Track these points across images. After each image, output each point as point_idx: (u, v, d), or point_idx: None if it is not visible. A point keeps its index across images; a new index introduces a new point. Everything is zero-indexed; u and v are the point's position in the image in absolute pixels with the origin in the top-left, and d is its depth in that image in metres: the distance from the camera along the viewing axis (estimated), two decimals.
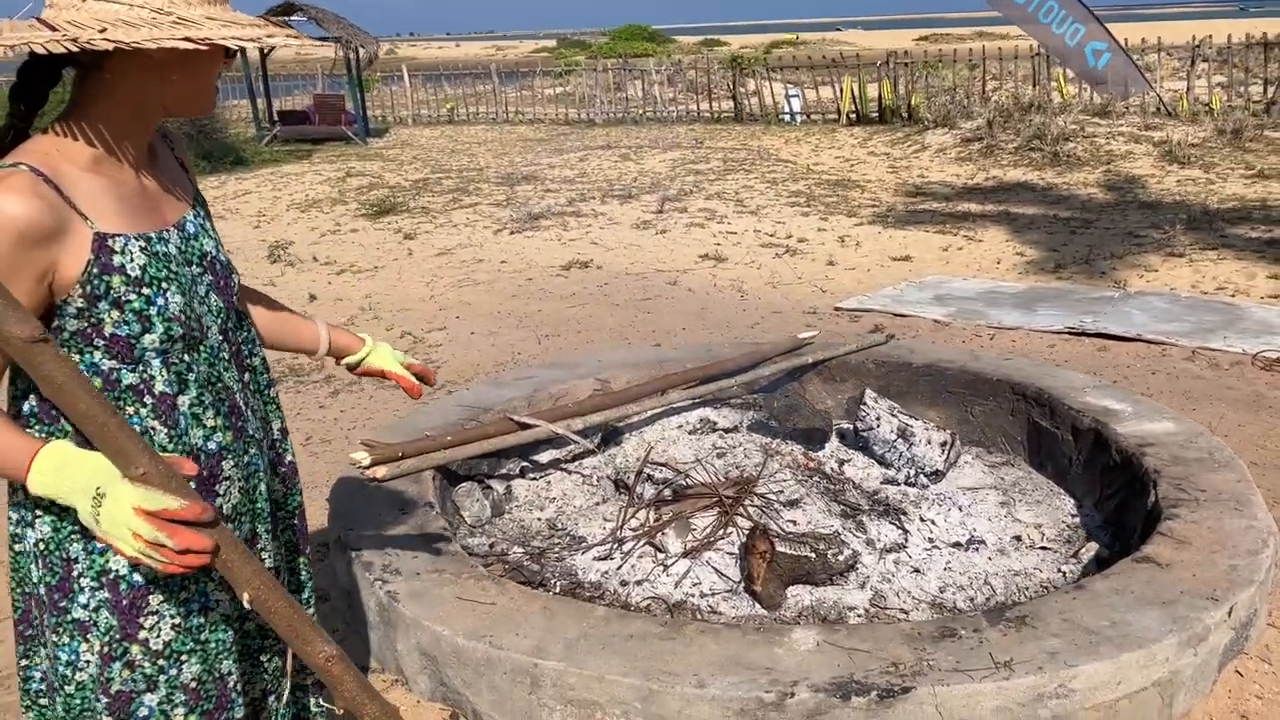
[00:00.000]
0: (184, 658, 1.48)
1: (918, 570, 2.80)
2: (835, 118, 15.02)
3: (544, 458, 3.39)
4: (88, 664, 1.44)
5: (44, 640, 1.48)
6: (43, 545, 1.42)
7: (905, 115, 13.87)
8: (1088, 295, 6.20)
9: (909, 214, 8.98)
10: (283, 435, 1.75)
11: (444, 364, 5.33)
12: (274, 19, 1.46)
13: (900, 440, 3.37)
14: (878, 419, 3.42)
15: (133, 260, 1.40)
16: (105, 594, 1.42)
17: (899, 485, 3.30)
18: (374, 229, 9.31)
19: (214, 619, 1.52)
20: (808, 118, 15.59)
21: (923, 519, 3.06)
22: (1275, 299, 6.02)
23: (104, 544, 1.37)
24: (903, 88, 14.44)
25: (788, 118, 15.77)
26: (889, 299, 6.28)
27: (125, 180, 1.44)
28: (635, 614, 2.42)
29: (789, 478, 3.10)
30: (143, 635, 1.44)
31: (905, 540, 2.93)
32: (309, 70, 23.18)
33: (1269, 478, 3.58)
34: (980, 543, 2.98)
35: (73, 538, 1.41)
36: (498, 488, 3.28)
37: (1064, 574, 2.83)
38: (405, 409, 4.51)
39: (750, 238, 8.27)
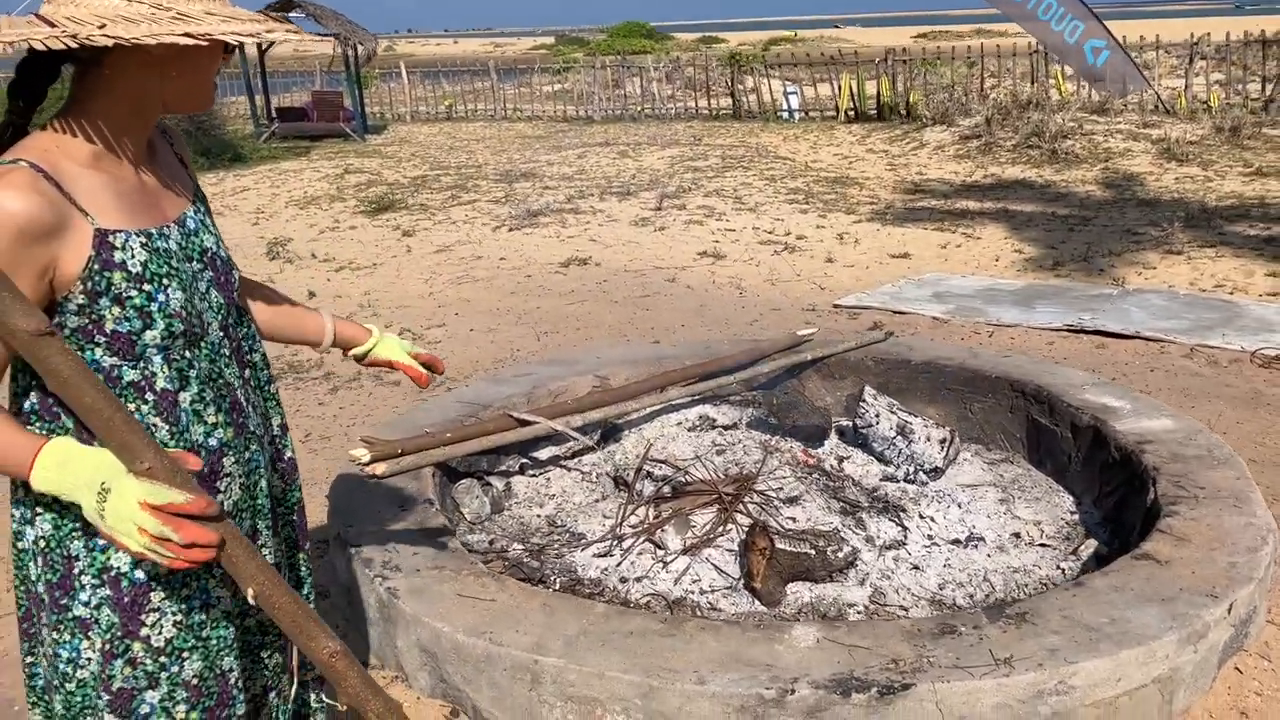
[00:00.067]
0: (185, 655, 1.48)
1: (917, 567, 2.81)
2: (833, 115, 15.02)
3: (543, 454, 3.39)
4: (89, 661, 1.43)
5: (41, 639, 1.48)
6: (43, 542, 1.42)
7: (904, 112, 13.86)
8: (1086, 293, 6.20)
9: (907, 211, 8.97)
10: (282, 431, 1.75)
11: (443, 360, 5.33)
12: (273, 15, 1.45)
13: (899, 437, 3.37)
14: (877, 416, 3.42)
15: (134, 256, 1.40)
16: (107, 591, 1.42)
17: (898, 482, 3.30)
18: (372, 226, 9.30)
19: (215, 616, 1.52)
20: (806, 115, 15.58)
21: (922, 516, 3.06)
22: (1273, 296, 6.02)
23: (106, 541, 1.37)
24: (901, 85, 14.43)
25: (786, 115, 15.76)
26: (888, 296, 6.28)
27: (125, 176, 1.44)
28: (635, 611, 2.42)
29: (788, 475, 3.09)
30: (144, 632, 1.44)
31: (905, 537, 2.93)
32: (307, 67, 23.17)
33: (1268, 475, 3.59)
34: (979, 540, 2.98)
35: (74, 535, 1.41)
36: (497, 484, 3.28)
37: (1063, 571, 2.83)
38: (404, 406, 4.51)
39: (749, 235, 8.26)
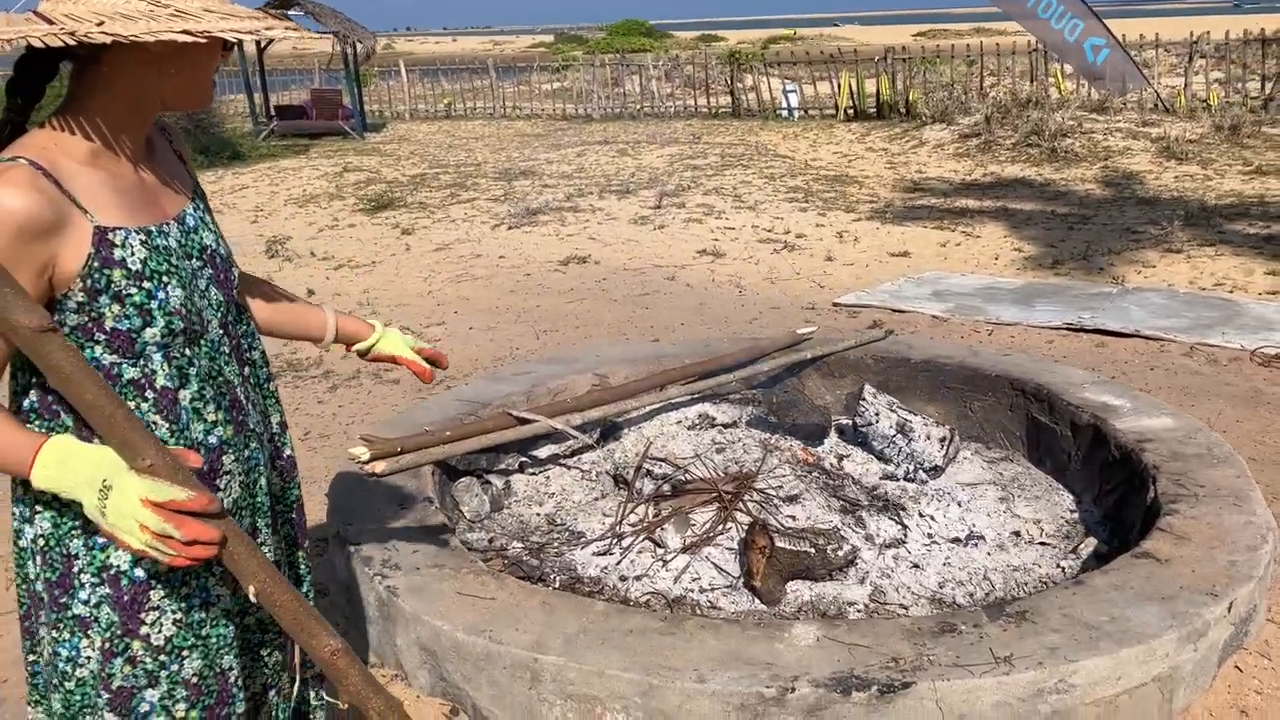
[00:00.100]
0: (185, 653, 1.48)
1: (917, 565, 2.80)
2: (833, 113, 15.01)
3: (543, 453, 3.39)
4: (88, 660, 1.43)
5: (40, 637, 1.48)
6: (42, 541, 1.41)
7: (903, 111, 13.85)
8: (1086, 291, 6.20)
9: (907, 210, 8.97)
10: (281, 429, 1.75)
11: (446, 355, 5.33)
12: (272, 12, 1.45)
13: (899, 436, 3.37)
14: (876, 414, 3.42)
15: (133, 254, 1.39)
16: (106, 590, 1.42)
17: (898, 481, 3.29)
18: (371, 224, 9.30)
19: (215, 614, 1.51)
20: (805, 113, 15.57)
21: (922, 514, 3.06)
22: (1273, 295, 6.02)
23: (105, 539, 1.37)
24: (900, 83, 14.42)
25: (785, 113, 15.75)
26: (887, 295, 6.28)
27: (124, 174, 1.44)
28: (635, 609, 2.42)
29: (788, 473, 3.09)
30: (144, 631, 1.44)
31: (904, 536, 2.93)
32: (306, 65, 23.16)
33: (1268, 473, 3.58)
34: (979, 538, 2.98)
35: (73, 533, 1.40)
36: (497, 483, 3.28)
37: (1063, 569, 2.83)
38: (404, 404, 4.51)
39: (748, 233, 8.26)
